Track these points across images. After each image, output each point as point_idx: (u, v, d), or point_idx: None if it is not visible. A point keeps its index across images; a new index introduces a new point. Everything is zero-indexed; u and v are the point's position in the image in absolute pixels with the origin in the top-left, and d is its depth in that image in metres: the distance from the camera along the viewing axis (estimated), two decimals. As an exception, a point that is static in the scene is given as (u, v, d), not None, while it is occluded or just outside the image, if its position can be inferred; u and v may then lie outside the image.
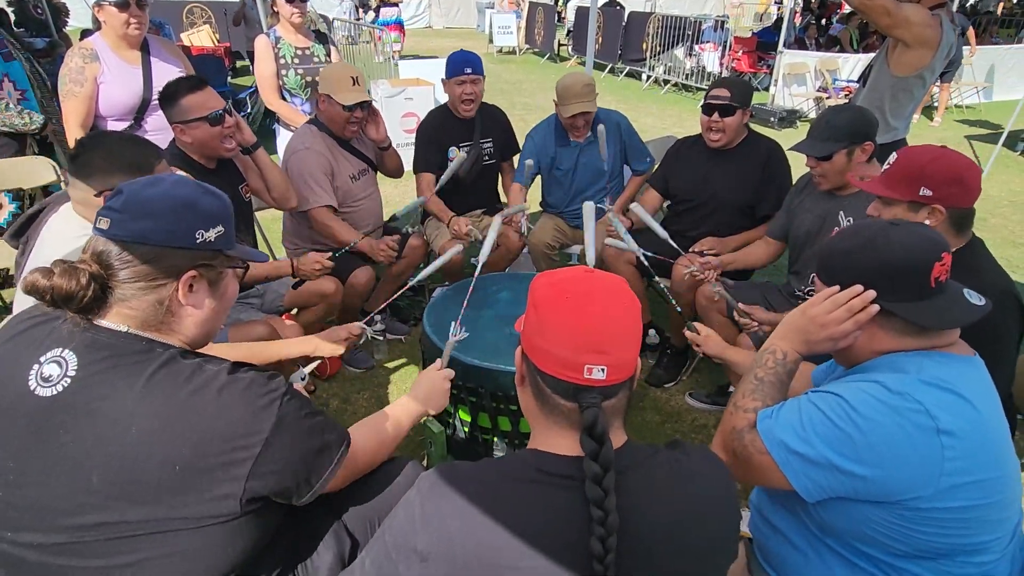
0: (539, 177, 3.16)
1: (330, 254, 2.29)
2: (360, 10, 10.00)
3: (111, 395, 0.90)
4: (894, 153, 1.53)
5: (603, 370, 0.80)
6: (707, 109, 2.54)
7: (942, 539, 0.99)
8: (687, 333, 1.76)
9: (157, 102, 2.48)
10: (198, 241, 0.99)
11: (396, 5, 9.63)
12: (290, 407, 0.98)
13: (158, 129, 2.57)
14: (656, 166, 3.04)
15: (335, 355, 1.83)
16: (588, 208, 2.08)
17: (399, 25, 7.73)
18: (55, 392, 0.90)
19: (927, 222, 1.44)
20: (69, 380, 0.91)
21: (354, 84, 2.53)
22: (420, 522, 0.81)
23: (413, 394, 1.46)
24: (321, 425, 1.04)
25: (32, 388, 0.91)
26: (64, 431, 0.89)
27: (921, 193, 1.43)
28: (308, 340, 1.82)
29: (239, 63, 9.12)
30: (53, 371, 0.92)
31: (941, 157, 1.44)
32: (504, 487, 0.82)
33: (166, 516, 0.89)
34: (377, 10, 9.69)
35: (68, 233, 1.49)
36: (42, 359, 0.93)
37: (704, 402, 2.61)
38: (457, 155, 2.78)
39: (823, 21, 11.49)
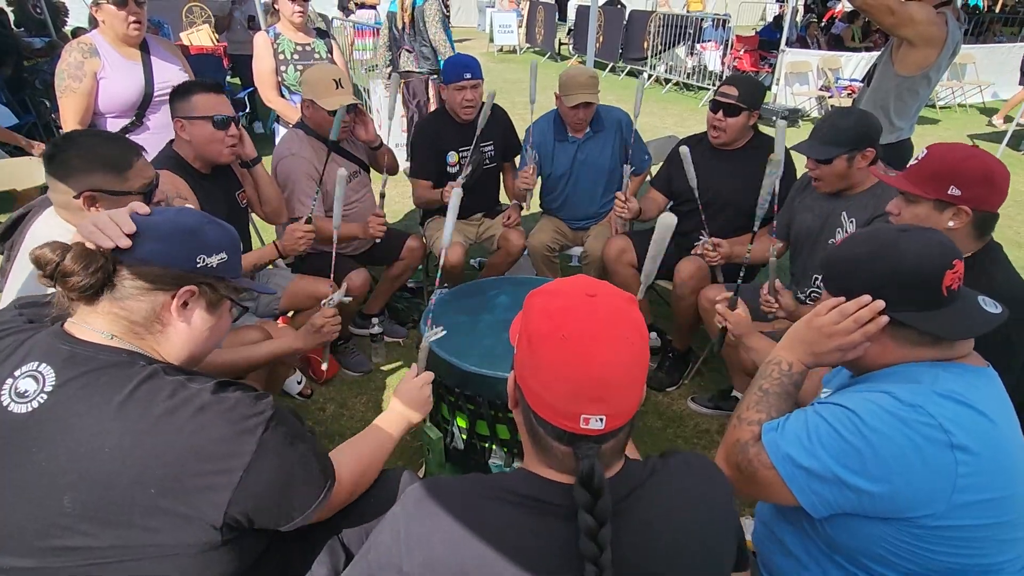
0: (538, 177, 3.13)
1: (305, 218, 2.24)
2: (342, 12, 9.63)
3: (88, 411, 0.86)
4: (924, 149, 1.47)
5: (601, 420, 0.73)
6: (713, 106, 2.51)
7: (954, 559, 0.96)
8: (719, 308, 1.69)
9: (159, 98, 2.46)
10: (198, 265, 0.99)
11: (373, 7, 9.02)
12: (276, 433, 0.93)
13: (160, 126, 2.54)
14: (656, 166, 3.00)
15: (319, 342, 1.79)
16: (665, 223, 1.53)
17: (376, 31, 7.34)
18: (30, 409, 0.87)
19: (951, 223, 1.39)
20: (45, 396, 0.87)
21: (337, 87, 2.46)
22: (405, 543, 0.78)
23: (393, 409, 1.40)
24: (309, 453, 1.00)
25: (5, 404, 0.87)
26: (38, 449, 0.85)
27: (950, 192, 1.38)
28: (283, 338, 1.78)
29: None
30: (29, 386, 0.88)
31: (974, 156, 1.39)
32: (494, 511, 0.78)
33: (139, 542, 0.85)
34: (350, 12, 9.20)
35: (51, 237, 1.45)
36: (16, 373, 0.89)
37: (706, 406, 2.57)
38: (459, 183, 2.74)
39: (823, 21, 11.44)
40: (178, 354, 1.01)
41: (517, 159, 3.25)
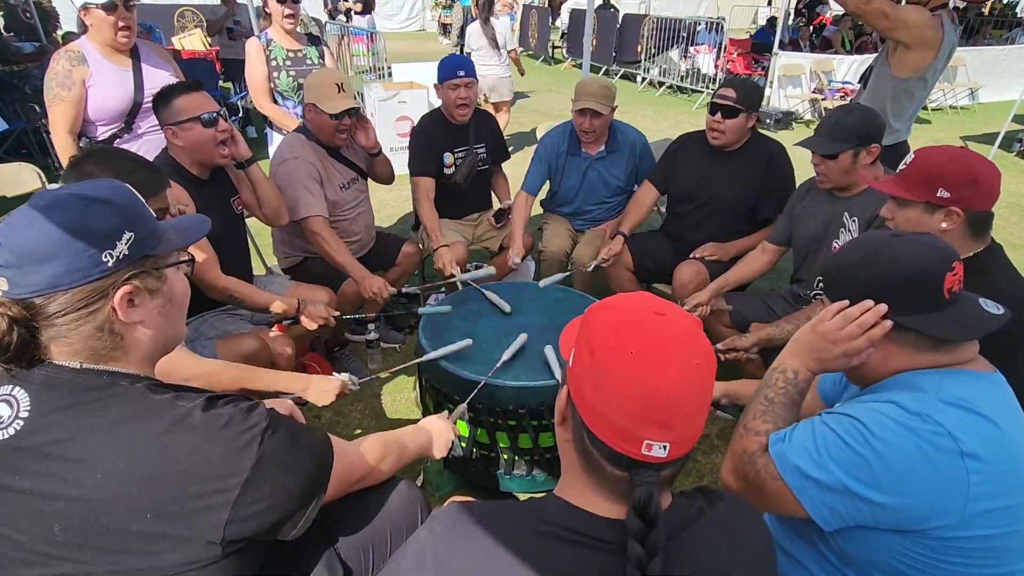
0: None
1: (338, 314, 2.22)
2: (328, 14, 9.56)
3: (72, 437, 0.82)
4: (911, 152, 1.49)
5: (665, 447, 0.69)
6: (711, 108, 2.50)
7: (970, 569, 0.94)
8: None
9: (149, 105, 2.43)
10: (111, 264, 0.86)
11: (367, 13, 8.85)
12: (272, 442, 0.90)
13: (152, 133, 2.51)
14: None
15: (323, 403, 1.74)
16: (549, 352, 1.89)
17: (372, 36, 7.26)
18: (7, 435, 0.82)
19: (943, 225, 1.40)
20: (22, 422, 0.83)
21: (340, 91, 2.45)
22: (433, 569, 0.73)
23: (420, 426, 1.44)
24: (306, 452, 0.97)
25: None
26: (20, 476, 0.81)
27: (939, 194, 1.39)
28: (299, 378, 1.74)
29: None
30: (3, 411, 0.83)
31: (961, 158, 1.40)
32: (529, 543, 0.72)
33: (136, 566, 0.82)
34: (348, 15, 9.07)
35: None
36: None
37: (732, 414, 2.53)
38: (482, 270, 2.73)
39: (812, 26, 11.51)
40: (152, 351, 0.96)
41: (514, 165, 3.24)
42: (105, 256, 0.85)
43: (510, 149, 3.24)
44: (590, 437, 0.73)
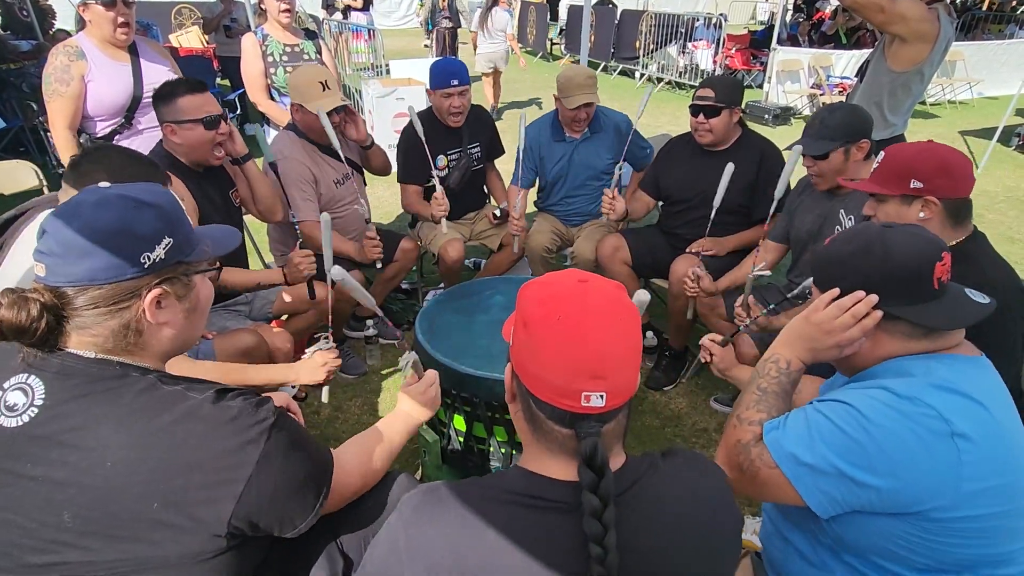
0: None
1: (309, 252, 2.17)
2: (326, 11, 9.57)
3: (84, 425, 0.84)
4: (881, 152, 1.53)
5: (602, 396, 0.74)
6: (693, 110, 2.50)
7: (964, 550, 0.95)
8: (705, 341, 1.63)
9: (148, 100, 2.43)
10: (147, 265, 0.89)
11: (365, 10, 8.84)
12: (279, 439, 0.91)
13: (151, 128, 2.51)
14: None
15: (319, 379, 1.73)
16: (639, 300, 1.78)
17: (371, 33, 7.29)
18: (21, 422, 0.84)
19: (922, 214, 1.44)
20: (36, 409, 0.84)
21: (324, 89, 2.43)
22: (405, 551, 0.76)
23: (399, 409, 1.37)
24: (311, 456, 0.98)
25: None
26: (32, 464, 0.83)
27: (912, 186, 1.43)
28: (288, 369, 1.74)
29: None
30: (18, 399, 0.85)
31: (927, 149, 1.45)
32: (494, 512, 0.76)
33: (142, 555, 0.83)
34: (345, 12, 9.04)
35: None
36: (5, 385, 0.86)
37: (729, 406, 2.54)
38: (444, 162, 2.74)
39: (811, 21, 11.49)
40: (169, 350, 0.98)
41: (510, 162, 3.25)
42: (143, 258, 0.89)
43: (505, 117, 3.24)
44: (535, 401, 0.78)
